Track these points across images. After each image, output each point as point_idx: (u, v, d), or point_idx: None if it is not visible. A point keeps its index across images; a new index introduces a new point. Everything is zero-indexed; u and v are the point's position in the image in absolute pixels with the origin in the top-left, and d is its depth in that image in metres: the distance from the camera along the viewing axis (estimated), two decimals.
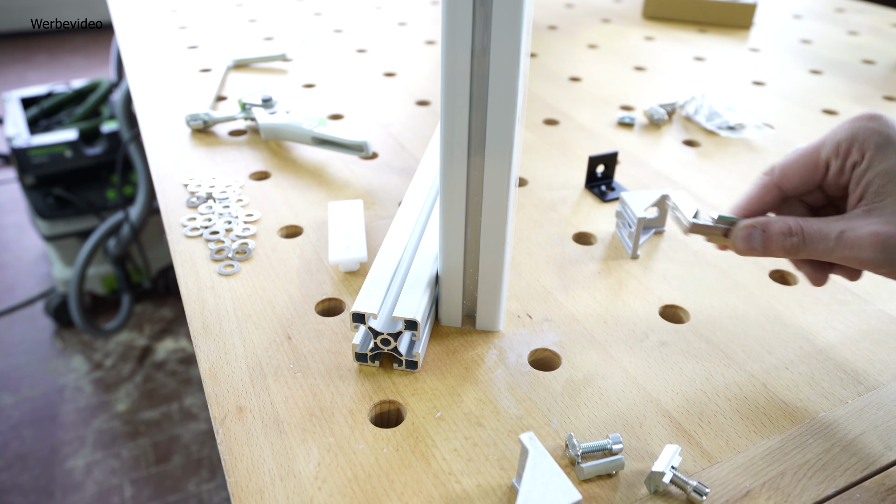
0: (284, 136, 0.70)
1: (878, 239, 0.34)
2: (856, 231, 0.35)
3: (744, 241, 0.39)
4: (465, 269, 0.44)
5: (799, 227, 0.37)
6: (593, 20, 1.22)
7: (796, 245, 0.37)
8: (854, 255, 0.35)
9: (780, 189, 0.40)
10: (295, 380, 0.41)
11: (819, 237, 0.36)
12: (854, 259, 0.35)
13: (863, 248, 0.35)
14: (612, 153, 0.64)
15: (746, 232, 0.39)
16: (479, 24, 0.35)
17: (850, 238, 0.35)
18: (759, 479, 0.36)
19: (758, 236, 0.38)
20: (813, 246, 0.37)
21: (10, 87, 2.84)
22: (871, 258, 0.35)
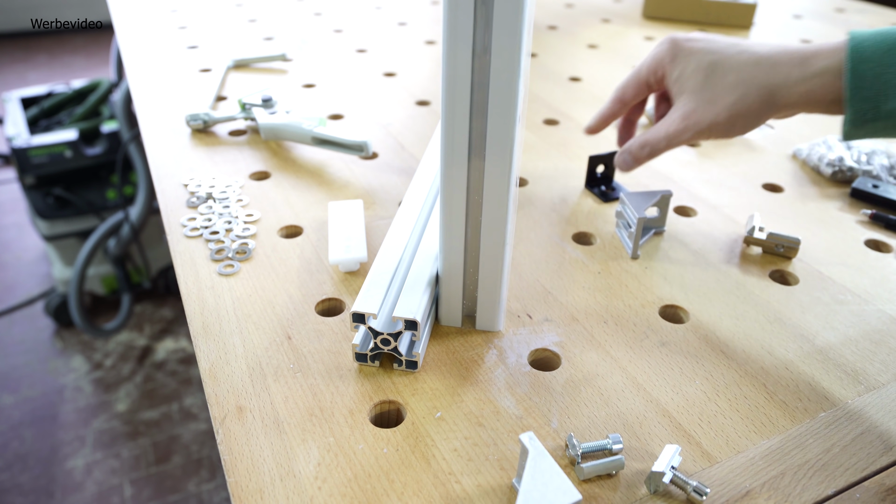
0: (284, 136, 0.70)
1: (682, 121, 0.50)
2: (673, 124, 0.50)
3: (621, 163, 0.55)
4: (465, 269, 0.44)
5: (646, 139, 0.52)
6: (593, 20, 1.22)
7: (649, 152, 0.53)
8: (679, 140, 0.50)
9: (622, 102, 0.56)
10: (295, 380, 0.41)
11: (656, 139, 0.52)
12: (681, 142, 0.50)
13: (680, 132, 0.50)
14: (612, 153, 0.64)
15: (620, 156, 0.55)
16: (479, 25, 0.35)
17: (672, 131, 0.51)
18: (759, 479, 0.36)
19: (628, 156, 0.54)
20: (658, 145, 0.52)
21: (10, 87, 2.84)
22: (686, 135, 0.50)
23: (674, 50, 0.51)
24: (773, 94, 0.46)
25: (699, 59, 0.49)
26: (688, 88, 0.50)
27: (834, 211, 0.63)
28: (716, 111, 0.48)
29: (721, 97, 0.48)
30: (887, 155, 0.69)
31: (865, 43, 0.43)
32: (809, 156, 0.71)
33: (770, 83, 0.46)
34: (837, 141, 0.71)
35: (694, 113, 0.49)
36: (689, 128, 0.49)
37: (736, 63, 0.48)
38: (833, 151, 0.69)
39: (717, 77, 0.48)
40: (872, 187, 0.64)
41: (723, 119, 0.48)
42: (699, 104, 0.49)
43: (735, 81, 0.47)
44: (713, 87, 0.48)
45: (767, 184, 0.67)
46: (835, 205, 0.64)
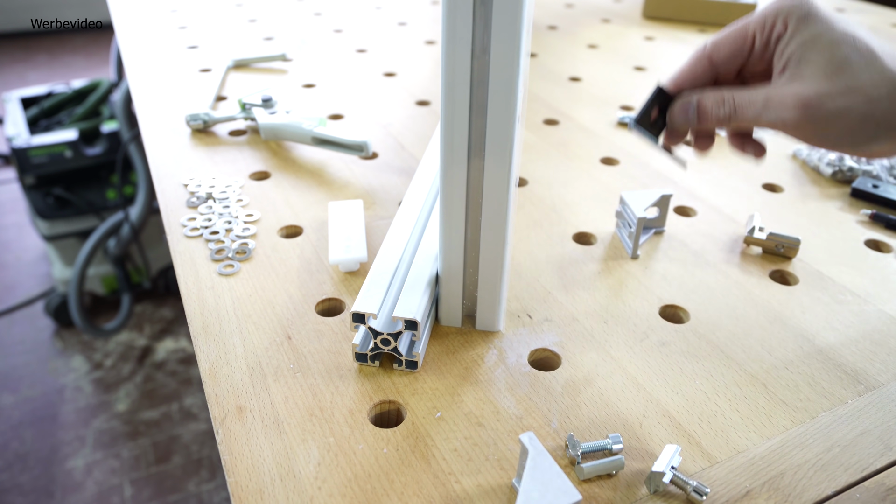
0: (284, 136, 0.70)
1: (799, 99, 0.37)
2: (781, 95, 0.37)
3: (680, 113, 0.41)
4: (465, 269, 0.44)
5: (730, 95, 0.39)
6: (593, 20, 1.22)
7: (728, 113, 0.39)
8: (779, 117, 0.37)
9: (710, 61, 0.41)
10: (295, 380, 0.41)
11: (748, 103, 0.38)
12: (779, 120, 0.38)
13: (787, 109, 0.37)
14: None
15: (682, 105, 0.41)
16: (479, 25, 0.35)
17: (776, 101, 0.37)
18: (759, 479, 0.36)
19: (693, 108, 0.40)
20: (743, 112, 0.39)
21: (10, 87, 2.84)
22: (794, 117, 0.37)
23: (804, 12, 0.38)
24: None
25: (843, 31, 0.37)
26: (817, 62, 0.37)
27: (834, 211, 0.63)
28: (853, 99, 0.36)
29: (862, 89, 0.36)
30: None
31: None
32: (809, 156, 0.71)
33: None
34: None
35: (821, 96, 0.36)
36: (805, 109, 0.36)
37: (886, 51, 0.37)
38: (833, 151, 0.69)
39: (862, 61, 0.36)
40: (872, 187, 0.64)
41: (859, 111, 0.36)
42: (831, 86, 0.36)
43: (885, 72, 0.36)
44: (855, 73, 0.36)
45: (767, 184, 0.67)
46: (835, 205, 0.64)
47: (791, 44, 0.38)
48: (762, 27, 0.39)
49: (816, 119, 0.36)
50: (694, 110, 0.40)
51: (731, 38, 0.40)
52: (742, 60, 0.41)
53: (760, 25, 0.39)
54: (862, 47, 0.36)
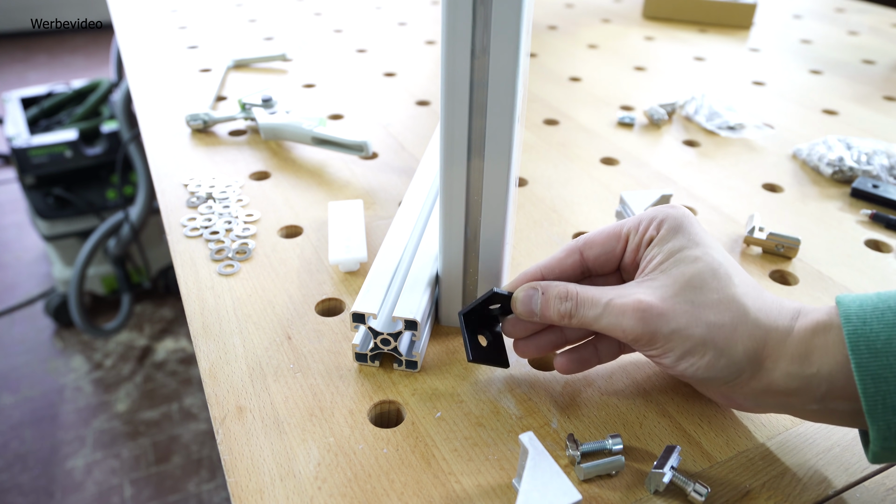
0: (284, 136, 0.70)
1: (639, 307, 0.34)
2: (623, 299, 0.35)
3: (523, 303, 0.38)
4: (465, 269, 0.44)
5: (575, 292, 0.37)
6: (593, 20, 1.22)
7: (569, 310, 0.37)
8: (617, 323, 0.35)
9: (581, 255, 0.40)
10: (295, 380, 0.41)
11: (590, 303, 0.36)
12: (617, 327, 0.35)
13: (625, 315, 0.35)
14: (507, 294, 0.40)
15: (526, 294, 0.38)
16: (478, 25, 0.35)
17: (617, 306, 0.35)
18: (759, 479, 0.36)
19: (537, 298, 0.38)
20: (584, 312, 0.36)
21: (10, 87, 2.84)
22: (631, 327, 0.35)
23: (678, 223, 0.37)
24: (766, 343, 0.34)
25: (705, 254, 0.36)
26: (672, 275, 0.35)
27: (834, 211, 0.63)
28: (692, 322, 0.34)
29: (708, 310, 0.34)
30: (887, 155, 0.69)
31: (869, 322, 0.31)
32: (809, 156, 0.71)
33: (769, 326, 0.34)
34: (837, 141, 0.71)
35: (662, 308, 0.34)
36: (645, 321, 0.34)
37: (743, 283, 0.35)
38: (833, 151, 0.69)
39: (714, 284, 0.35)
40: (872, 187, 0.64)
41: (696, 336, 0.34)
42: (676, 303, 0.34)
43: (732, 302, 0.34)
44: (703, 291, 0.34)
45: (767, 184, 0.67)
46: (835, 205, 0.64)
47: (655, 249, 0.37)
48: (636, 228, 0.38)
49: (654, 334, 0.34)
50: (538, 301, 0.38)
51: (604, 235, 0.39)
52: (614, 259, 0.40)
53: (635, 227, 0.39)
54: (720, 270, 0.35)
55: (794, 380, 0.33)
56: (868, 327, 0.31)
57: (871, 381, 0.30)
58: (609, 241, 0.39)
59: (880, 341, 0.30)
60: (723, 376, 0.34)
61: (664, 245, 0.37)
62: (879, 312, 0.31)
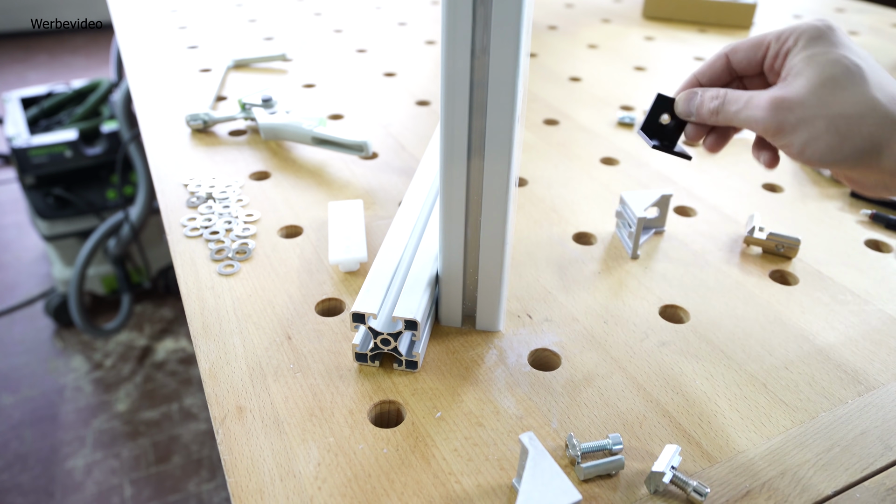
0: (284, 136, 0.70)
1: (772, 100, 0.39)
2: (761, 96, 0.40)
3: (684, 101, 0.45)
4: (465, 269, 0.44)
5: (724, 92, 0.42)
6: (593, 20, 1.22)
7: (717, 107, 0.42)
8: (752, 115, 0.40)
9: (727, 58, 0.44)
10: (295, 380, 0.41)
11: (734, 100, 0.41)
12: (751, 119, 0.40)
13: (759, 108, 0.39)
14: None
15: (686, 95, 0.45)
16: (478, 25, 0.35)
17: (755, 101, 0.40)
18: (759, 479, 0.36)
19: (696, 99, 0.44)
20: (728, 107, 0.42)
21: (10, 87, 2.84)
22: (762, 118, 0.39)
23: (821, 31, 0.40)
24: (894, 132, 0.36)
25: (843, 56, 0.38)
26: (808, 75, 0.38)
27: (834, 211, 0.63)
28: (818, 113, 0.37)
29: (836, 103, 0.37)
30: None
31: None
32: None
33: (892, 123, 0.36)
34: None
35: (793, 101, 0.38)
36: (776, 111, 0.38)
37: (876, 80, 0.37)
38: None
39: (847, 82, 0.37)
40: None
41: (819, 127, 0.37)
42: (807, 96, 0.38)
43: (863, 96, 0.37)
44: (836, 88, 0.37)
45: (767, 184, 0.67)
46: (835, 205, 0.64)
47: (795, 58, 0.40)
48: (777, 39, 0.41)
49: (783, 122, 0.38)
50: (696, 99, 0.44)
51: (748, 43, 0.43)
52: (756, 66, 0.43)
53: (777, 37, 0.42)
54: (856, 71, 0.37)
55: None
56: None
57: None
58: (752, 48, 0.43)
59: None
60: (847, 160, 0.37)
61: (802, 52, 0.39)
62: None
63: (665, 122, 0.48)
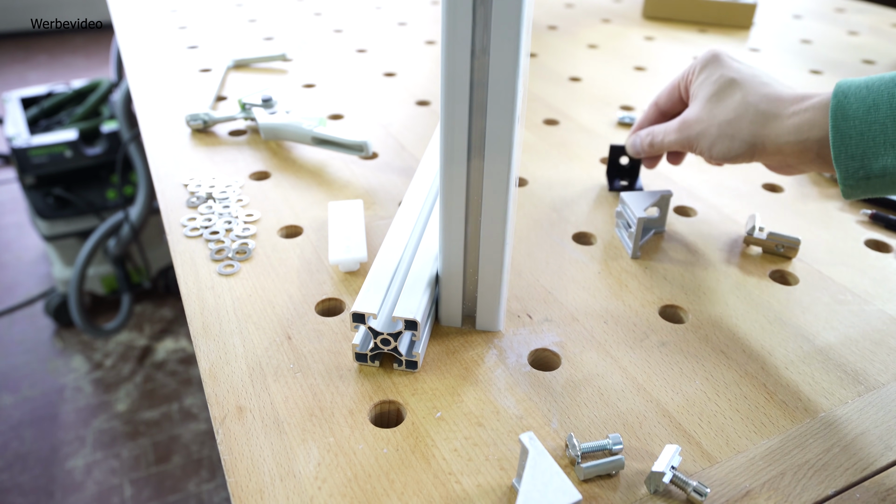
0: (284, 136, 0.70)
1: (678, 124, 0.52)
2: (673, 124, 0.52)
3: (630, 145, 0.59)
4: (465, 269, 0.44)
5: (651, 130, 0.55)
6: (593, 20, 1.22)
7: (650, 142, 0.55)
8: (671, 139, 0.52)
9: (657, 105, 0.57)
10: (295, 380, 0.41)
11: (660, 132, 0.54)
12: (672, 142, 0.52)
13: (672, 132, 0.52)
14: None
15: (631, 140, 0.58)
16: (478, 25, 0.35)
17: (669, 128, 0.53)
18: (759, 479, 0.36)
19: (637, 140, 0.57)
20: (655, 139, 0.54)
21: (10, 87, 2.84)
22: (676, 139, 0.52)
23: (709, 59, 0.51)
24: (766, 124, 0.46)
25: (723, 73, 0.49)
26: (700, 96, 0.50)
27: (834, 211, 0.63)
28: (709, 124, 0.49)
29: (720, 112, 0.48)
30: None
31: (849, 98, 0.42)
32: None
33: (767, 112, 0.46)
34: None
35: (692, 120, 0.50)
36: (681, 131, 0.51)
37: (749, 86, 0.48)
38: None
39: (727, 93, 0.48)
40: None
41: (712, 133, 0.48)
42: (701, 113, 0.49)
43: (739, 102, 0.47)
44: (719, 101, 0.48)
45: (767, 184, 0.67)
46: (835, 205, 0.64)
47: (693, 85, 0.52)
48: (683, 77, 0.54)
49: (688, 137, 0.51)
50: (637, 141, 0.57)
51: (668, 88, 0.56)
52: (677, 103, 0.56)
53: (683, 76, 0.54)
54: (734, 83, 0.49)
55: (793, 145, 0.45)
56: (848, 100, 0.41)
57: (838, 136, 0.41)
58: (669, 92, 0.56)
59: (852, 109, 0.41)
60: (743, 154, 0.48)
61: (700, 77, 0.51)
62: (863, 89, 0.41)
63: (624, 164, 0.63)
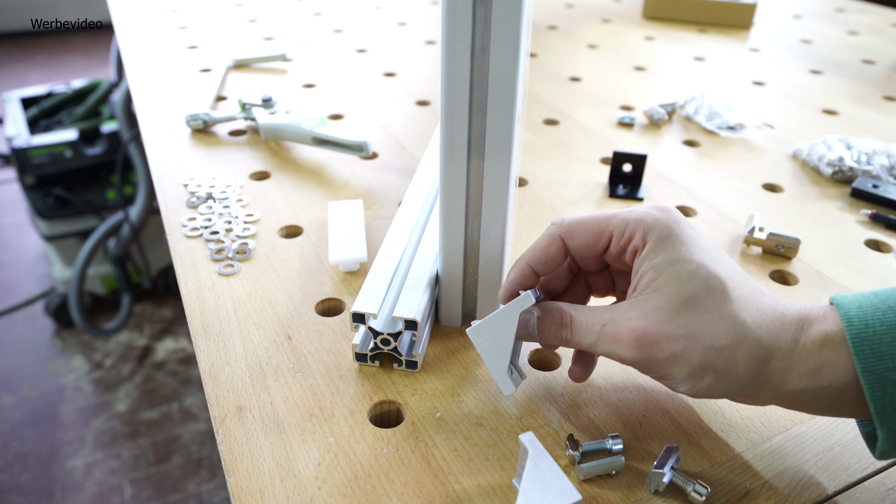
0: (284, 136, 0.70)
1: (635, 336, 0.33)
2: (616, 325, 0.34)
3: (522, 327, 0.38)
4: (465, 269, 0.44)
5: (569, 317, 0.36)
6: (593, 20, 1.22)
7: (566, 338, 0.36)
8: (613, 351, 0.35)
9: (563, 242, 0.38)
10: (295, 380, 0.41)
11: (585, 330, 0.36)
12: (614, 354, 0.35)
13: (622, 344, 0.34)
14: (642, 155, 0.63)
15: (524, 318, 0.37)
16: (478, 25, 0.35)
17: (611, 333, 0.34)
18: (759, 479, 0.36)
19: (533, 322, 0.37)
20: (580, 339, 0.36)
21: (10, 87, 2.84)
22: (628, 356, 0.34)
23: (669, 226, 0.35)
24: (768, 362, 0.32)
25: (700, 263, 0.34)
26: (665, 294, 0.33)
27: (834, 211, 0.63)
28: (688, 346, 0.32)
29: (702, 329, 0.32)
30: (887, 155, 0.69)
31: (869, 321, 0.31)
32: (809, 156, 0.71)
33: (770, 345, 0.32)
34: (837, 141, 0.71)
35: (658, 335, 0.33)
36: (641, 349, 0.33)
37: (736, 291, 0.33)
38: (833, 151, 0.69)
39: (707, 299, 0.33)
40: (872, 187, 0.64)
41: (692, 362, 0.33)
42: (670, 326, 0.33)
43: (728, 320, 0.32)
44: (695, 309, 0.33)
45: (767, 184, 0.67)
46: (835, 205, 0.64)
47: (645, 264, 0.35)
48: (621, 233, 0.36)
49: (651, 361, 0.33)
50: (534, 325, 0.37)
51: (587, 227, 0.37)
52: (596, 254, 0.38)
53: (620, 230, 0.36)
54: (715, 285, 0.33)
55: (804, 394, 0.32)
56: (871, 330, 0.30)
57: (878, 385, 0.30)
58: (590, 236, 0.37)
59: (884, 343, 0.30)
60: (727, 394, 0.34)
61: (654, 259, 0.34)
62: (881, 314, 0.31)
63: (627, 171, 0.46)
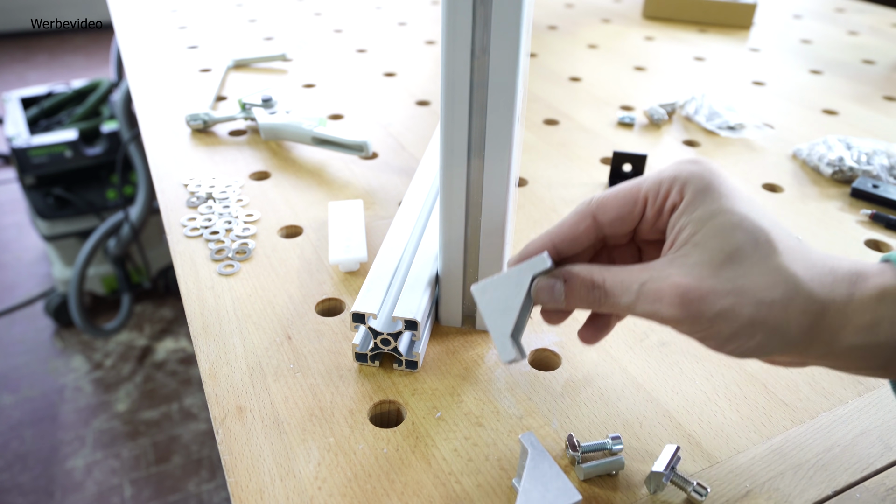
0: (284, 136, 0.70)
1: (678, 293, 0.30)
2: (657, 283, 0.31)
3: (545, 291, 0.34)
4: (465, 269, 0.44)
5: (602, 279, 0.33)
6: (593, 20, 1.22)
7: (598, 298, 0.33)
8: (655, 311, 0.31)
9: (594, 219, 0.35)
10: (295, 380, 0.41)
11: (620, 290, 0.32)
12: (655, 314, 0.31)
13: (663, 303, 0.31)
14: (642, 155, 0.63)
15: (548, 283, 0.34)
16: (478, 25, 0.35)
17: (652, 291, 0.31)
18: (759, 479, 0.36)
19: (559, 287, 0.34)
20: (615, 300, 0.32)
21: (10, 87, 2.84)
22: (672, 314, 0.31)
23: (707, 178, 0.32)
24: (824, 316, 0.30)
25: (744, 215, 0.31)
26: (709, 248, 0.31)
27: (834, 211, 0.63)
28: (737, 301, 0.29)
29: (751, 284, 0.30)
30: (887, 155, 0.69)
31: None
32: (809, 156, 0.71)
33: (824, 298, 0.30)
34: (837, 141, 0.71)
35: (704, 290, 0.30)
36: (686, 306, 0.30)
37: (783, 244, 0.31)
38: (833, 151, 0.69)
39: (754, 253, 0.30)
40: (872, 187, 0.64)
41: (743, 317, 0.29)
42: (716, 281, 0.30)
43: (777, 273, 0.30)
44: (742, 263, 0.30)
45: (767, 184, 0.67)
46: (835, 205, 0.64)
47: (683, 218, 0.32)
48: (656, 193, 0.33)
49: (697, 318, 0.30)
50: (560, 291, 0.34)
51: (619, 198, 0.34)
52: (631, 225, 0.35)
53: (654, 191, 0.33)
54: (761, 237, 0.30)
55: (857, 350, 0.30)
56: None
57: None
58: (625, 204, 0.34)
59: None
60: (776, 352, 0.31)
61: (693, 213, 0.31)
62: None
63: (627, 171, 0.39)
